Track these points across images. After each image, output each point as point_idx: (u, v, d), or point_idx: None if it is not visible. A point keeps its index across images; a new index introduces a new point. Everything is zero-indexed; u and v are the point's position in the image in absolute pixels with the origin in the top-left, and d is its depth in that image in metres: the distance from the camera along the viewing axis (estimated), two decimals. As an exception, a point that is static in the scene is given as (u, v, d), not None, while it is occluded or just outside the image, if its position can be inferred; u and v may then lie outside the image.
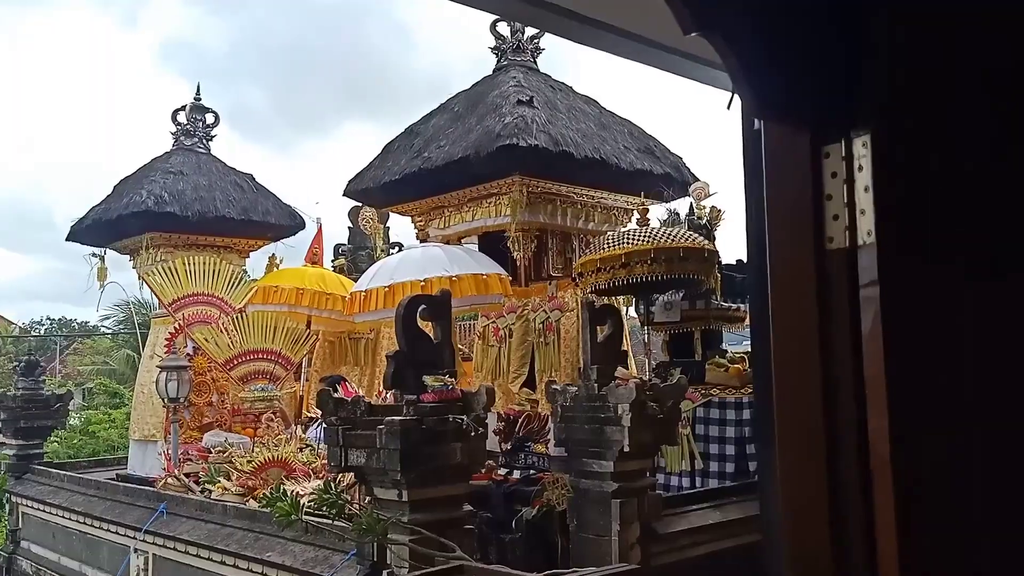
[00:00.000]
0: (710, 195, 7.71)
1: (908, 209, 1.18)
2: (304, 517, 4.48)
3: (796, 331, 1.28)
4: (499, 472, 6.19)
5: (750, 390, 6.61)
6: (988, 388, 1.16)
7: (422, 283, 6.44)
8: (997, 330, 1.17)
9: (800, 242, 1.28)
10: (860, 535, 1.16)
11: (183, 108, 10.21)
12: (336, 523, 4.42)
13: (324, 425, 5.80)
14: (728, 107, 1.52)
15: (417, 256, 6.95)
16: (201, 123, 10.26)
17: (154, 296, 9.46)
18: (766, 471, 1.36)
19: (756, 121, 1.36)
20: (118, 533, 7.07)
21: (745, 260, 7.55)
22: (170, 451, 7.41)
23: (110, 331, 25.34)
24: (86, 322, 33.28)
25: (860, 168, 1.21)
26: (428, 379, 4.34)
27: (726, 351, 7.41)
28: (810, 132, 1.27)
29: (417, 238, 8.51)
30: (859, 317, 1.20)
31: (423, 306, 4.56)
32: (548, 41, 8.91)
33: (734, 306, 7.47)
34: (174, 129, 10.19)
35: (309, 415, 7.40)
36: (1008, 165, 1.18)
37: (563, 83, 8.70)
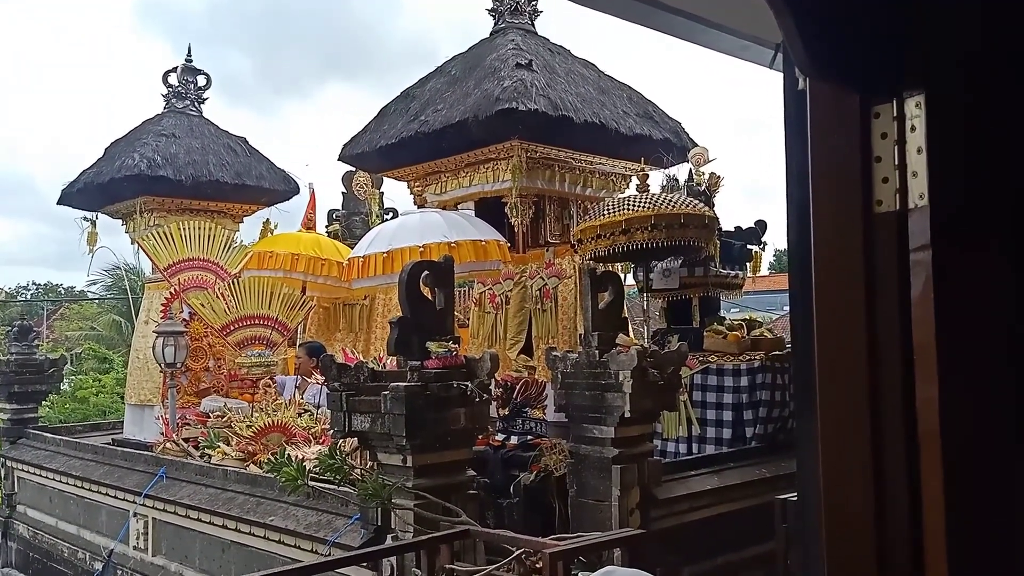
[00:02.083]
0: (709, 161, 7.67)
1: (963, 172, 1.15)
2: (308, 482, 4.49)
3: (841, 296, 1.25)
4: (497, 437, 6.21)
5: (748, 357, 6.64)
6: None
7: (421, 249, 6.41)
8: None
9: (847, 206, 1.25)
10: (905, 508, 1.15)
11: (174, 70, 10.02)
12: (340, 488, 4.42)
13: (324, 389, 5.79)
14: (771, 65, 1.48)
15: (416, 222, 6.90)
16: (193, 85, 10.08)
17: (149, 261, 9.37)
18: (804, 439, 1.35)
19: (800, 80, 1.32)
20: (117, 497, 7.08)
21: (744, 227, 7.56)
22: (168, 416, 7.40)
23: (99, 296, 25.17)
24: (71, 287, 33.10)
25: (913, 129, 1.18)
26: (432, 345, 4.33)
27: (724, 318, 7.42)
28: (859, 92, 1.23)
29: (415, 203, 8.44)
30: (908, 282, 1.18)
31: (426, 272, 4.53)
32: (546, 3, 8.78)
33: (732, 273, 7.47)
34: (165, 91, 10.00)
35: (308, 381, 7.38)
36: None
37: (561, 46, 8.58)
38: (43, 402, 10.36)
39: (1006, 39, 1.18)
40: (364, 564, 4.21)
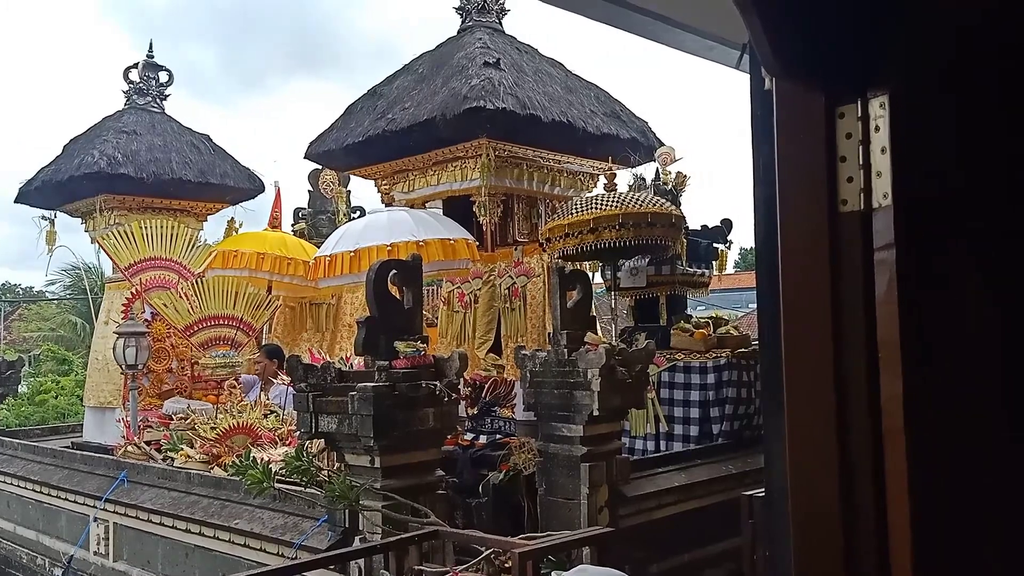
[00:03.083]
0: (676, 160, 7.73)
1: (926, 172, 1.17)
2: (274, 484, 4.43)
3: (807, 294, 1.26)
4: (465, 437, 6.19)
5: (714, 354, 6.70)
6: (1010, 354, 1.16)
7: (389, 248, 6.36)
8: (1019, 296, 1.17)
9: (812, 205, 1.25)
10: (871, 503, 1.16)
11: (135, 66, 9.83)
12: (307, 490, 4.37)
13: (290, 390, 5.73)
14: (737, 65, 1.49)
15: (383, 220, 6.85)
16: (155, 81, 9.90)
17: (109, 260, 9.18)
18: (772, 435, 1.36)
19: (767, 80, 1.33)
20: (77, 502, 6.93)
21: (711, 226, 7.63)
22: (129, 418, 7.26)
23: (58, 296, 24.65)
24: (30, 287, 32.36)
25: (877, 129, 1.19)
26: (400, 345, 4.30)
27: (691, 316, 7.48)
28: (824, 92, 1.24)
29: (382, 202, 8.39)
30: (873, 280, 1.19)
31: (394, 271, 4.49)
32: (513, 1, 8.78)
33: (699, 271, 7.54)
34: (126, 87, 9.81)
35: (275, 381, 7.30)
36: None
37: (529, 45, 8.59)
38: (0, 405, 10.11)
39: (970, 40, 1.20)
40: (332, 567, 4.17)
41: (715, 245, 7.78)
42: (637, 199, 6.37)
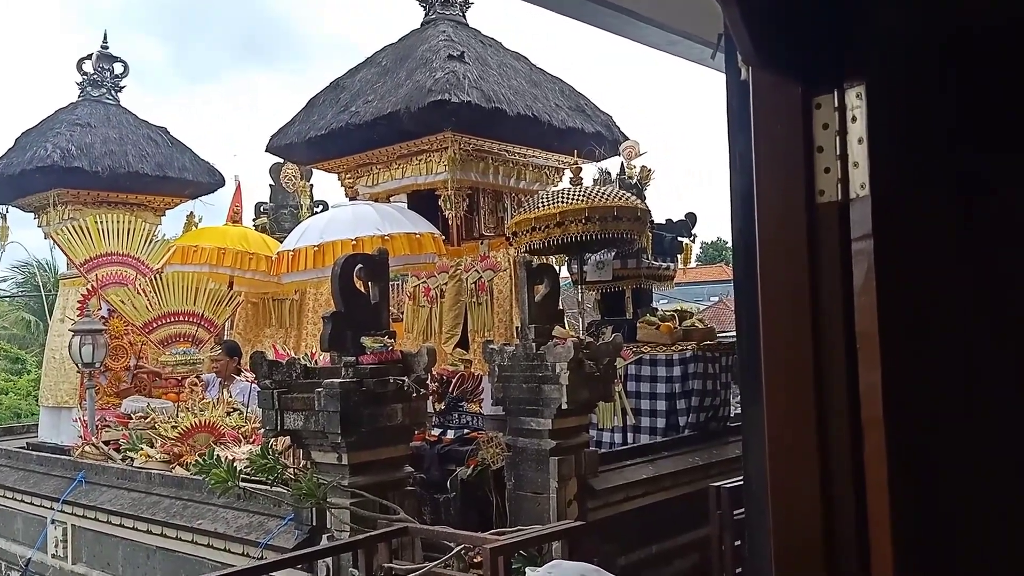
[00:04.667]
0: (640, 154, 7.76)
1: (904, 162, 1.17)
2: (239, 483, 4.36)
3: (785, 285, 1.26)
4: (432, 432, 6.16)
5: (680, 347, 6.75)
6: (987, 344, 1.17)
7: (353, 242, 6.30)
8: (995, 287, 1.18)
9: (790, 195, 1.25)
10: (851, 493, 1.16)
11: (89, 57, 9.56)
12: (273, 488, 4.31)
13: (254, 387, 5.64)
14: (713, 57, 1.48)
15: (348, 214, 6.77)
16: (109, 73, 9.64)
17: (63, 256, 8.94)
18: (751, 425, 1.35)
19: (743, 71, 1.33)
20: (33, 504, 6.75)
21: (675, 219, 7.69)
22: (86, 418, 7.08)
23: (10, 294, 24.01)
24: (-19, 285, 31.45)
25: (854, 119, 1.19)
26: (367, 340, 4.25)
27: (656, 309, 7.53)
28: (801, 82, 1.24)
29: (346, 196, 8.30)
30: (851, 271, 1.19)
31: (360, 265, 4.44)
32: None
33: (664, 265, 7.59)
34: (80, 79, 9.54)
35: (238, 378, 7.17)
36: (1008, 119, 1.18)
37: (492, 38, 8.55)
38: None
39: (947, 29, 1.20)
40: (299, 566, 4.11)
41: (680, 239, 7.84)
42: (603, 193, 6.39)
